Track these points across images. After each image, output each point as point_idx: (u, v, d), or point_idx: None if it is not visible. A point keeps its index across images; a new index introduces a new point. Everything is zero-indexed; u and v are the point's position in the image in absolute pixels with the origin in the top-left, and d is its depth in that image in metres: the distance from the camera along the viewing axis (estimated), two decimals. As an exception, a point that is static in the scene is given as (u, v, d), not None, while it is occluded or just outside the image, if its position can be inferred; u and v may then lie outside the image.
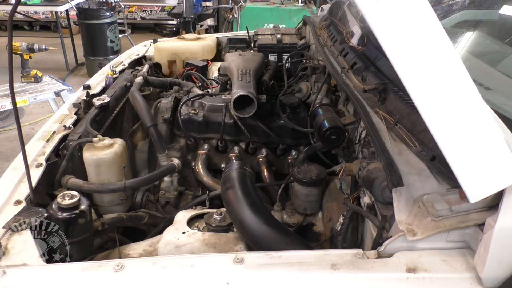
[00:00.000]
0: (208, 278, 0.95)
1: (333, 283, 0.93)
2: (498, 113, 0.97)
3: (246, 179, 1.33)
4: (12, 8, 1.06)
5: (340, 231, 1.31)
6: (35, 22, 8.29)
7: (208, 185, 1.77)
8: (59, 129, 1.66)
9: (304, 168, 1.48)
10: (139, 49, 2.73)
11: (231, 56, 2.11)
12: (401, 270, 0.94)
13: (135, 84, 1.98)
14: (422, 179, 1.04)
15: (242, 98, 1.67)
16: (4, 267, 1.00)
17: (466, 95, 0.83)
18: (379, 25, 0.84)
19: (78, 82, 5.58)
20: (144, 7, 8.36)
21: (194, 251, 1.19)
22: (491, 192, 0.86)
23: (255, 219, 1.16)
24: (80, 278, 0.96)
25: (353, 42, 1.82)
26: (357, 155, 1.49)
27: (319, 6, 3.13)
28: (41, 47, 4.04)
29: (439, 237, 0.97)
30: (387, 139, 1.19)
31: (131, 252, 1.32)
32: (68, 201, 1.14)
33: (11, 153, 4.13)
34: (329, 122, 1.59)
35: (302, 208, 1.49)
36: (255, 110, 1.69)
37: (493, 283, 0.89)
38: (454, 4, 2.19)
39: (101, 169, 1.53)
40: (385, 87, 1.35)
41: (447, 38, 0.82)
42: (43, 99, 4.01)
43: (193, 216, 1.36)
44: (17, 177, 1.33)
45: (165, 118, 1.88)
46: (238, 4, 5.99)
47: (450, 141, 0.85)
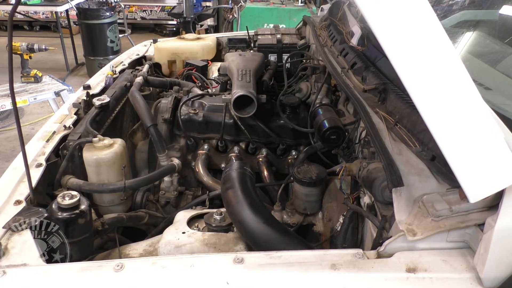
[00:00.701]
0: (208, 278, 0.95)
1: (333, 283, 0.93)
2: (498, 113, 0.97)
3: (246, 179, 1.33)
4: (12, 8, 1.06)
5: (340, 231, 1.31)
6: (35, 22, 8.29)
7: (208, 185, 1.77)
8: (59, 129, 1.66)
9: (304, 168, 1.48)
10: (139, 49, 2.73)
11: (231, 56, 2.11)
12: (401, 270, 0.93)
13: (135, 84, 1.98)
14: (422, 179, 1.04)
15: (242, 98, 1.67)
16: (4, 267, 1.00)
17: (466, 95, 0.83)
18: (379, 25, 0.84)
19: (78, 82, 5.57)
20: (144, 7, 8.37)
21: (194, 251, 1.19)
22: (491, 192, 0.86)
23: (255, 219, 1.16)
24: (80, 278, 0.96)
25: (353, 42, 1.82)
26: (357, 155, 1.49)
27: (319, 6, 3.13)
28: (41, 47, 4.05)
29: (439, 237, 0.97)
30: (387, 139, 1.19)
31: (131, 252, 1.32)
32: (68, 201, 1.14)
33: (11, 153, 4.13)
34: (329, 122, 1.59)
35: (302, 208, 1.49)
36: (255, 110, 1.69)
37: (493, 283, 0.89)
38: (454, 4, 2.19)
39: (101, 169, 1.53)
40: (385, 87, 1.35)
41: (447, 38, 0.82)
42: (43, 99, 4.01)
43: (193, 216, 1.36)
44: (17, 177, 1.33)
45: (165, 118, 1.88)
46: (238, 4, 5.99)
47: (450, 141, 0.85)
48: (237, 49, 2.73)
